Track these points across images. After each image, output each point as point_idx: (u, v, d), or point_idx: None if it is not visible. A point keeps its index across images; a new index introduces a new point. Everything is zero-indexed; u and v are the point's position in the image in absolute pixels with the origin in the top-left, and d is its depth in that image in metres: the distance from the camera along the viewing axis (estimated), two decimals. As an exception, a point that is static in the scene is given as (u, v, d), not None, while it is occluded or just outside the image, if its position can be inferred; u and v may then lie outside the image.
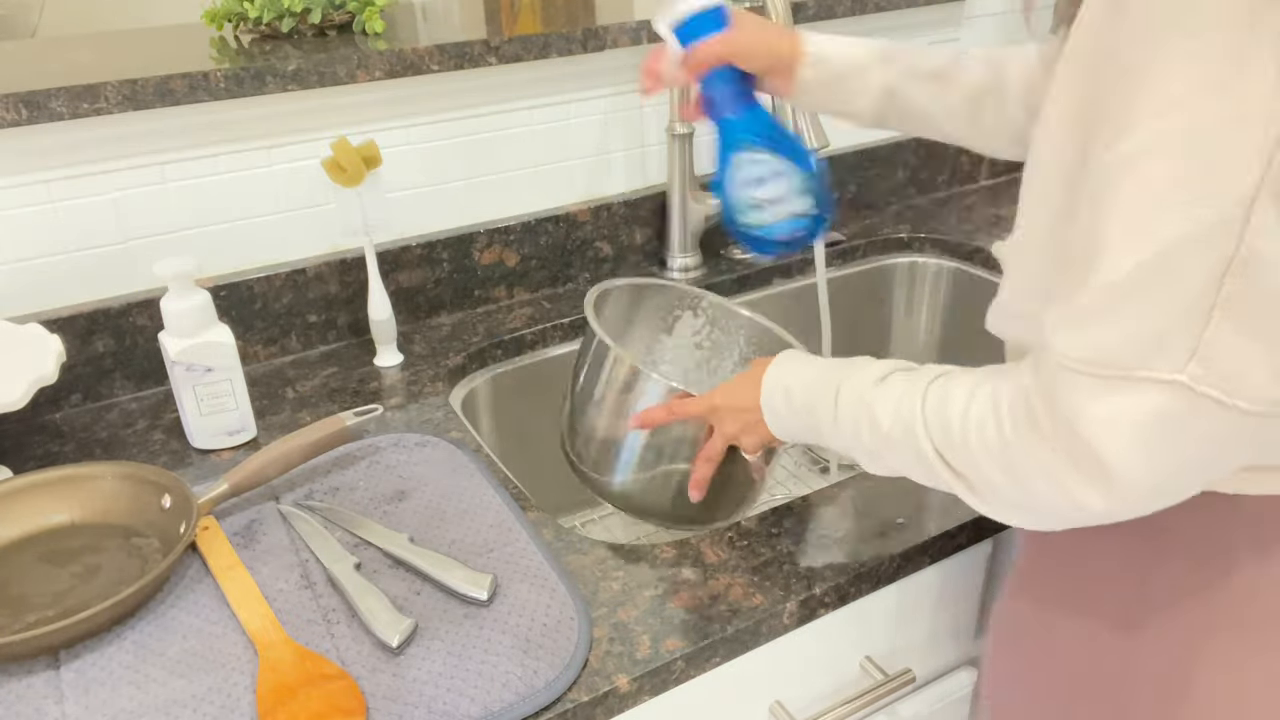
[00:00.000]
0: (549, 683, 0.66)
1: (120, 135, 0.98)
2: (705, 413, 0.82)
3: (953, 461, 0.61)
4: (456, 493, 0.85)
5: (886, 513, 0.83)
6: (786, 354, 0.78)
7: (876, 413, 0.66)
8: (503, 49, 1.10)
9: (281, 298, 1.09)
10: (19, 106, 0.90)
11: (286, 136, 1.06)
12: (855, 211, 1.47)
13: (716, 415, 0.81)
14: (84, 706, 0.66)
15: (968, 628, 0.93)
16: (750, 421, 0.78)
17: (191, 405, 0.92)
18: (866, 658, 0.86)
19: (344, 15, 1.14)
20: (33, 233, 0.97)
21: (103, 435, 0.98)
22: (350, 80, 1.03)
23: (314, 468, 0.89)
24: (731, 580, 0.76)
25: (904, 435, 0.64)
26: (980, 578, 0.90)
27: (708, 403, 0.81)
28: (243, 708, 0.65)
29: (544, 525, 0.82)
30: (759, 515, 0.83)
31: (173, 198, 1.02)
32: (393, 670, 0.67)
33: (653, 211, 1.28)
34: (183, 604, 0.74)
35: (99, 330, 1.01)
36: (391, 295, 1.09)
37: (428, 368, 1.08)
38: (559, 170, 1.23)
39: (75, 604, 0.73)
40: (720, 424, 0.81)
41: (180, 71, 0.96)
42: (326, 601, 0.74)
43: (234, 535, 0.81)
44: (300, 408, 1.01)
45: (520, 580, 0.75)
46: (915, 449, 0.63)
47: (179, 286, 0.89)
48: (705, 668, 0.72)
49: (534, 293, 1.24)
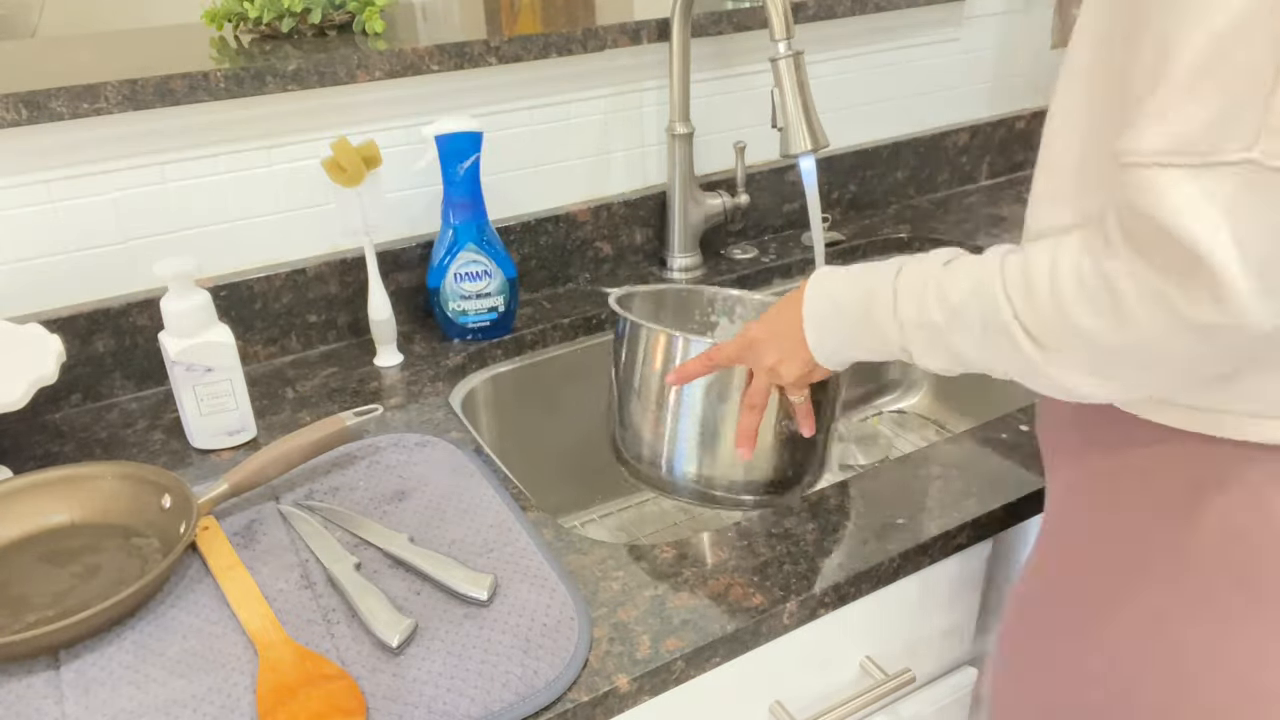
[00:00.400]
0: (549, 683, 0.66)
1: (120, 135, 0.98)
2: (741, 350, 0.79)
3: (1034, 328, 0.58)
4: (456, 493, 0.85)
5: (886, 513, 0.83)
6: (823, 268, 0.76)
7: (945, 287, 0.64)
8: (503, 49, 1.10)
9: (281, 298, 1.09)
10: (19, 106, 0.90)
11: (286, 136, 1.06)
12: (855, 211, 1.47)
13: (753, 350, 0.78)
14: (84, 706, 0.66)
15: (968, 628, 0.93)
16: (789, 347, 0.75)
17: (191, 405, 0.92)
18: (866, 658, 0.86)
19: (344, 15, 1.14)
20: (33, 233, 0.97)
21: (103, 435, 0.98)
22: (350, 80, 1.04)
23: (314, 468, 0.89)
24: (731, 580, 0.76)
25: (978, 305, 0.61)
26: (980, 578, 0.90)
27: (743, 339, 0.78)
28: (243, 708, 0.65)
29: (544, 525, 0.82)
30: (759, 515, 0.83)
31: (173, 198, 1.02)
32: (393, 670, 0.67)
33: (653, 211, 1.28)
34: (183, 604, 0.74)
35: (99, 330, 1.01)
36: (391, 295, 1.09)
37: (428, 368, 1.08)
38: (559, 170, 1.23)
39: (75, 604, 0.73)
40: (758, 358, 0.78)
41: (180, 71, 0.96)
42: (326, 601, 0.74)
43: (234, 535, 0.81)
44: (300, 408, 1.01)
45: (520, 580, 0.75)
46: (991, 318, 0.60)
47: (179, 286, 0.89)
48: (705, 668, 0.72)
49: (534, 293, 1.24)
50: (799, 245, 1.36)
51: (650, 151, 1.28)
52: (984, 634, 0.97)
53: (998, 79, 1.54)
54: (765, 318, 0.78)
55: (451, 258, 1.08)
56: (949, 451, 0.90)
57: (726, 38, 1.26)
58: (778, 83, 1.00)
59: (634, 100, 1.24)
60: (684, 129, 1.21)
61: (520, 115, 1.18)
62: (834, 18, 1.31)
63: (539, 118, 1.19)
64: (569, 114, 1.21)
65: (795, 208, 1.40)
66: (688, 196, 1.25)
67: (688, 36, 1.17)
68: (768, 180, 1.36)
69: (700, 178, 1.29)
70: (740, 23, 1.24)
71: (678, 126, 1.21)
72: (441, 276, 1.09)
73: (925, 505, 0.84)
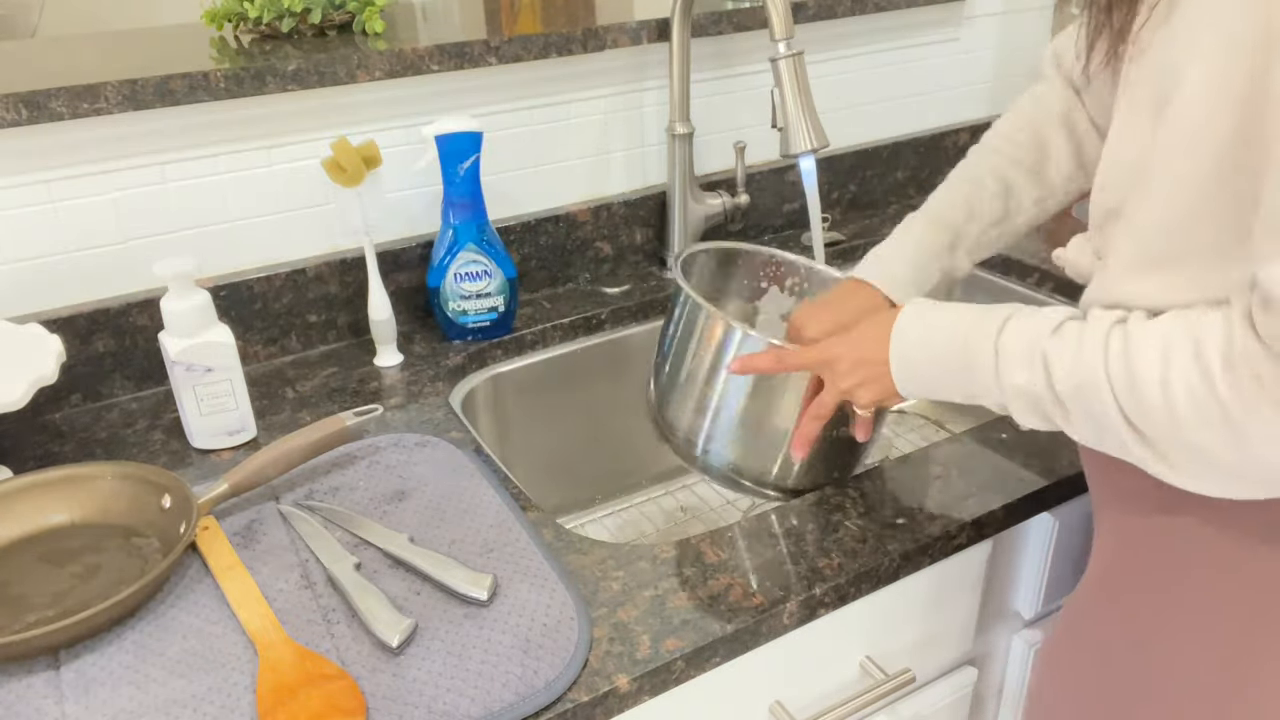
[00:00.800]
0: (549, 683, 0.66)
1: (120, 135, 0.98)
2: (817, 364, 0.77)
3: (1144, 428, 0.58)
4: (456, 493, 0.85)
5: (886, 513, 0.83)
6: (916, 301, 0.73)
7: (1052, 366, 0.61)
8: (503, 49, 1.10)
9: (281, 298, 1.09)
10: (19, 106, 0.90)
11: (286, 136, 1.06)
12: (855, 211, 1.47)
13: (831, 368, 0.76)
14: (84, 706, 0.66)
15: (968, 628, 0.93)
16: (872, 375, 0.73)
17: (191, 405, 0.92)
18: (866, 658, 0.86)
19: (344, 15, 1.14)
20: (33, 233, 0.97)
21: (103, 435, 0.98)
22: (350, 80, 1.04)
23: (314, 468, 0.89)
24: (731, 580, 0.76)
25: (1084, 402, 0.60)
26: (980, 578, 0.90)
27: (822, 354, 0.76)
28: (243, 708, 0.65)
29: (544, 525, 0.82)
30: (758, 515, 0.83)
31: (173, 198, 1.02)
32: (393, 670, 0.67)
33: (653, 211, 1.28)
34: (183, 604, 0.74)
35: (99, 330, 1.01)
36: (391, 295, 1.09)
37: (428, 368, 1.08)
38: (559, 170, 1.23)
39: (75, 604, 0.73)
40: (835, 377, 0.76)
41: (180, 71, 0.96)
42: (326, 601, 0.74)
43: (234, 535, 0.81)
44: (300, 408, 1.01)
45: (520, 580, 0.75)
46: (1100, 418, 0.59)
47: (179, 286, 0.89)
48: (705, 668, 0.72)
49: (534, 293, 1.24)
50: (799, 245, 1.36)
51: (650, 151, 1.28)
52: (984, 634, 0.97)
53: (998, 79, 1.54)
54: (847, 339, 0.76)
55: (451, 258, 1.08)
56: (949, 451, 0.90)
57: (726, 38, 1.26)
58: (778, 83, 1.00)
59: (634, 100, 1.24)
60: (684, 129, 1.21)
61: (520, 115, 1.18)
62: (834, 18, 1.31)
63: (539, 118, 1.19)
64: (569, 114, 1.21)
65: (795, 208, 1.40)
66: (687, 196, 1.25)
67: (688, 36, 1.17)
68: (768, 180, 1.36)
69: (700, 178, 1.29)
70: (740, 23, 1.24)
71: (678, 126, 1.21)
72: (441, 276, 1.09)
73: (925, 505, 0.84)
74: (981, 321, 0.68)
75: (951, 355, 0.69)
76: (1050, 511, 0.89)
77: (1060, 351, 0.62)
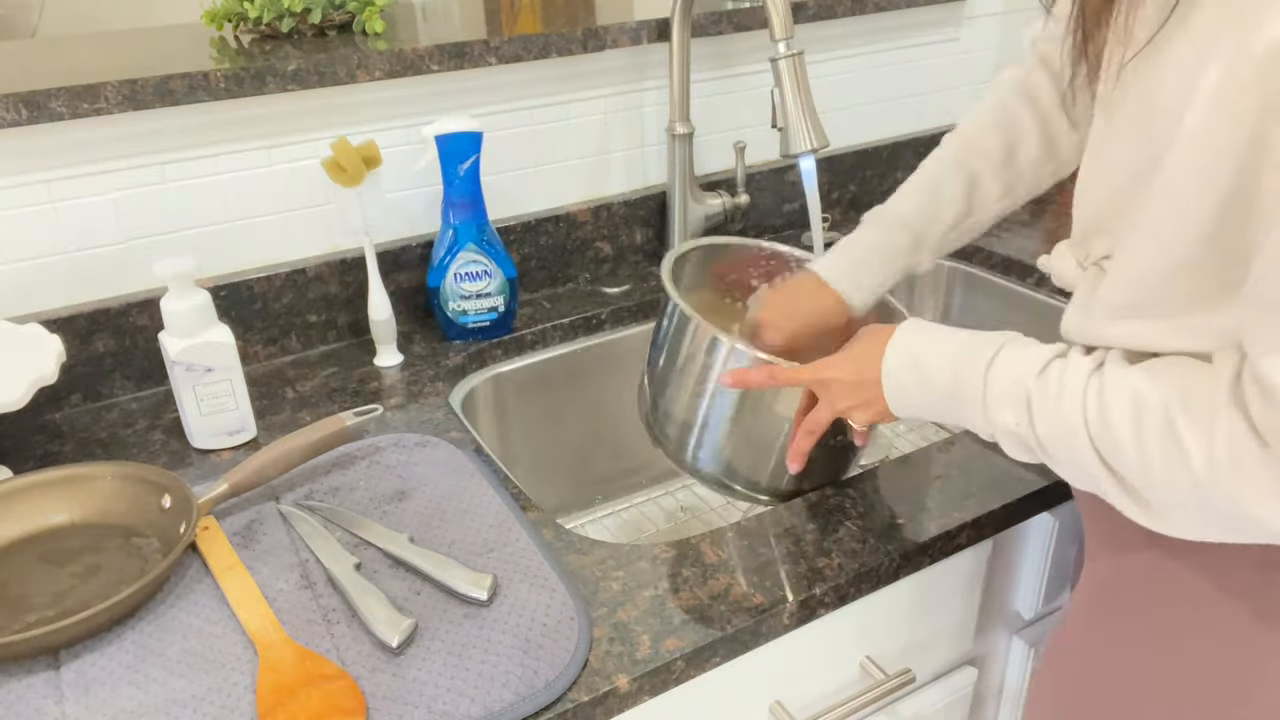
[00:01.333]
0: (549, 683, 0.66)
1: (120, 135, 0.98)
2: (812, 383, 0.77)
3: (1122, 474, 0.59)
4: (456, 493, 0.85)
5: (886, 513, 0.83)
6: (910, 323, 0.73)
7: (1035, 409, 0.62)
8: (503, 49, 1.10)
9: (281, 298, 1.09)
10: (19, 106, 0.90)
11: (286, 136, 1.06)
12: (855, 211, 1.46)
13: (827, 390, 0.76)
14: (84, 706, 0.66)
15: (968, 628, 0.93)
16: (867, 397, 0.74)
17: (191, 405, 0.92)
18: (866, 658, 0.86)
19: (344, 15, 1.14)
20: (33, 233, 0.97)
21: (103, 435, 0.98)
22: (350, 80, 1.04)
23: (314, 468, 0.89)
24: (731, 580, 0.76)
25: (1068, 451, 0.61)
26: (980, 578, 0.90)
27: (816, 374, 0.77)
28: (243, 708, 0.65)
29: (544, 525, 0.82)
30: (758, 515, 0.83)
31: (173, 198, 1.02)
32: (393, 670, 0.67)
33: (653, 211, 1.28)
34: (183, 604, 0.74)
35: (99, 330, 1.01)
36: (391, 295, 1.09)
37: (428, 368, 1.08)
38: (559, 170, 1.23)
39: (75, 604, 0.73)
40: (831, 398, 0.76)
41: (180, 71, 0.96)
42: (326, 601, 0.74)
43: (234, 535, 0.81)
44: (300, 408, 1.01)
45: (520, 580, 0.75)
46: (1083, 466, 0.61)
47: (179, 286, 0.89)
48: (705, 668, 0.72)
49: (534, 293, 1.24)
50: (799, 245, 1.35)
51: (650, 151, 1.28)
52: (984, 634, 0.97)
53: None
54: (842, 360, 0.76)
55: (451, 258, 1.08)
56: (949, 451, 0.90)
57: (726, 38, 1.26)
58: (778, 83, 1.00)
59: (634, 100, 1.24)
60: (684, 129, 1.21)
61: (520, 115, 1.18)
62: (834, 18, 1.31)
63: (539, 118, 1.19)
64: (569, 114, 1.21)
65: (795, 208, 1.40)
66: (687, 196, 1.25)
67: (688, 36, 1.17)
68: (768, 180, 1.36)
69: (700, 178, 1.29)
70: (740, 23, 1.24)
71: (678, 126, 1.21)
72: (441, 276, 1.09)
73: (925, 505, 0.84)
74: (972, 355, 0.68)
75: (942, 383, 0.69)
76: (1050, 511, 0.89)
77: (1044, 396, 0.62)
